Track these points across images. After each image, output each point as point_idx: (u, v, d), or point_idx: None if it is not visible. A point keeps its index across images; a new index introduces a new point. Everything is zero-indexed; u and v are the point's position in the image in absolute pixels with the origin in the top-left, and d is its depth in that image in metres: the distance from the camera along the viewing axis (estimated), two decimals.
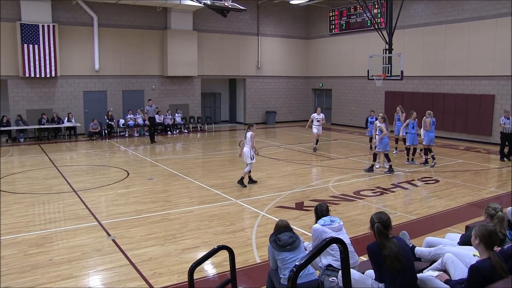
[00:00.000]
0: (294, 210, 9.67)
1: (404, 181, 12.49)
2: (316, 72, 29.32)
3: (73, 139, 21.39)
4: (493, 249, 4.14)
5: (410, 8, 22.14)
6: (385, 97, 24.31)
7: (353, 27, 26.06)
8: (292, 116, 29.73)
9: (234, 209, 9.80)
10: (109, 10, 22.57)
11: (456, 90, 20.78)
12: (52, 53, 20.83)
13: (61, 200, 10.54)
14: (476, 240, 4.17)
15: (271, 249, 4.82)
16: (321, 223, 5.18)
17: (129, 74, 23.60)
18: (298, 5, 27.40)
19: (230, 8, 16.10)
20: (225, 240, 7.71)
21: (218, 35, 26.18)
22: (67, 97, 22.12)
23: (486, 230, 4.14)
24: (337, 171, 13.81)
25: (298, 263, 3.02)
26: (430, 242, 5.32)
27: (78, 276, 6.31)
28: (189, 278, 4.34)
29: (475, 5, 19.64)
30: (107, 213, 9.49)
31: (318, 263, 5.03)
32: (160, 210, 9.62)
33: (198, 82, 25.90)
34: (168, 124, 23.67)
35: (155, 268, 6.55)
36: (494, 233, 4.16)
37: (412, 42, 22.18)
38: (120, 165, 14.88)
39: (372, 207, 9.92)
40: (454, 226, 8.46)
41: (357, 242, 7.38)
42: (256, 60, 27.92)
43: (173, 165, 14.74)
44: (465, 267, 4.23)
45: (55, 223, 8.82)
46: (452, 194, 11.09)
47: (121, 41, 23.15)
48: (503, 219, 5.23)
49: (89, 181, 12.51)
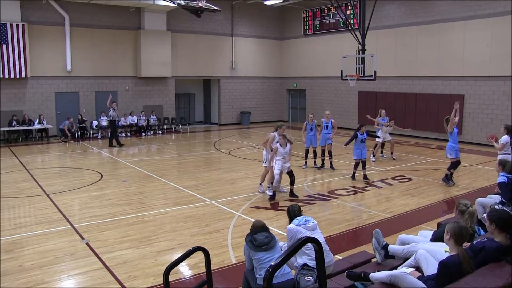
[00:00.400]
0: (270, 210, 9.70)
1: (378, 180, 12.66)
2: (291, 72, 29.47)
3: (45, 141, 20.97)
4: (462, 245, 4.25)
5: (383, 9, 22.46)
6: (358, 97, 24.61)
7: (326, 28, 26.29)
8: (267, 117, 29.79)
9: (209, 210, 9.77)
10: (81, 9, 22.21)
11: (428, 90, 21.18)
12: (22, 53, 20.38)
13: (32, 204, 10.31)
14: (447, 236, 4.30)
15: (247, 249, 4.82)
16: (295, 223, 5.21)
17: (102, 75, 23.27)
18: (272, 6, 27.49)
19: (204, 9, 16.04)
20: (201, 241, 7.68)
21: (192, 35, 26.05)
22: (38, 98, 21.68)
23: (457, 227, 4.26)
24: (312, 171, 13.91)
25: (273, 263, 3.03)
26: (404, 239, 5.40)
27: (50, 282, 6.18)
28: (165, 280, 4.31)
29: (445, 7, 20.07)
30: (80, 216, 9.34)
31: (294, 263, 5.05)
32: (135, 212, 9.52)
33: (172, 83, 25.73)
34: (142, 126, 23.45)
35: (130, 271, 6.48)
36: (465, 229, 4.28)
37: (384, 43, 22.51)
38: (93, 167, 14.67)
39: (346, 206, 10.03)
40: (427, 223, 8.62)
41: (332, 241, 7.45)
42: (230, 61, 27.89)
43: (147, 167, 14.61)
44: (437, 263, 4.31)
45: (26, 228, 8.63)
46: (425, 192, 11.29)
47: (93, 42, 22.81)
48: (473, 214, 5.40)
49: (61, 184, 12.29)
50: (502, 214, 4.52)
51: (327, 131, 14.03)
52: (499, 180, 7.45)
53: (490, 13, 18.40)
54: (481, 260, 4.30)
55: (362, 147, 12.55)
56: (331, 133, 13.97)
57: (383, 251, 5.10)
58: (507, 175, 7.38)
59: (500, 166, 7.65)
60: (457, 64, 19.76)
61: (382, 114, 15.76)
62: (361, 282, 4.65)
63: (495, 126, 17.87)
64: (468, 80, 19.51)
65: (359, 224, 8.86)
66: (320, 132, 14.24)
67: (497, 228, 4.44)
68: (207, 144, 20.55)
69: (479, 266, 4.22)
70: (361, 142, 12.55)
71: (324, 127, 14.11)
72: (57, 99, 22.10)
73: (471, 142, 19.30)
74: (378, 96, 23.37)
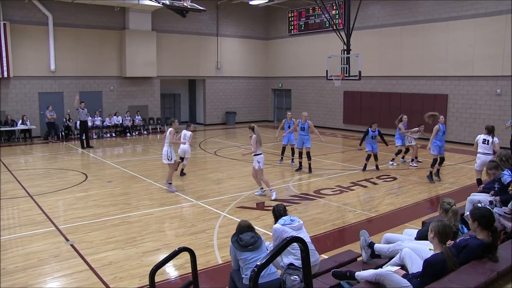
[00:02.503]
0: (255, 210, 9.71)
1: (363, 179, 12.75)
2: (276, 72, 29.51)
3: (28, 142, 20.70)
4: (446, 243, 4.31)
5: (367, 10, 22.61)
6: (343, 97, 24.73)
7: (312, 28, 26.38)
8: (252, 117, 29.78)
9: (195, 210, 9.76)
10: (65, 9, 21.97)
11: (412, 90, 21.38)
12: (4, 53, 20.09)
13: (16, 205, 10.17)
14: (431, 234, 4.36)
15: (233, 249, 4.82)
16: (281, 222, 5.22)
17: (86, 75, 23.05)
18: (257, 6, 27.49)
19: (189, 9, 15.99)
20: (187, 241, 7.65)
21: (177, 35, 25.94)
22: (21, 99, 21.39)
23: (441, 225, 4.31)
24: (298, 171, 13.92)
25: (259, 263, 3.04)
26: (389, 238, 5.45)
27: (34, 284, 6.11)
28: (151, 281, 4.29)
29: (428, 8, 20.28)
30: (65, 217, 9.25)
31: (280, 263, 5.06)
32: (120, 213, 9.45)
33: (157, 83, 25.60)
34: (127, 126, 23.30)
35: (116, 272, 6.44)
36: (449, 228, 4.34)
37: (369, 43, 22.65)
38: (78, 168, 14.54)
39: (332, 206, 10.08)
40: (412, 222, 8.71)
41: (318, 241, 7.49)
42: (215, 61, 27.83)
43: (132, 167, 14.52)
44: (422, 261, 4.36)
45: (9, 230, 8.50)
46: (409, 191, 11.41)
47: (78, 41, 22.58)
48: (457, 213, 5.47)
49: (45, 185, 12.15)
50: (484, 212, 4.59)
51: (304, 132, 13.57)
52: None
53: (473, 14, 18.64)
54: (464, 257, 4.38)
55: (373, 143, 13.50)
56: (307, 135, 13.58)
57: (370, 249, 5.15)
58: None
59: None
60: (441, 64, 19.99)
61: (404, 119, 14.67)
62: (347, 281, 4.68)
63: (478, 125, 18.08)
64: (451, 80, 19.75)
65: (345, 223, 8.91)
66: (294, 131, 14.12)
67: (479, 226, 4.51)
68: (192, 144, 20.41)
69: (462, 264, 4.29)
70: (372, 139, 13.46)
71: (300, 129, 13.64)
72: (41, 100, 21.83)
73: (455, 141, 19.52)
74: (363, 96, 23.52)
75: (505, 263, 4.31)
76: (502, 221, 6.33)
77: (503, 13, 17.59)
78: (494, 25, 17.90)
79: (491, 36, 18.05)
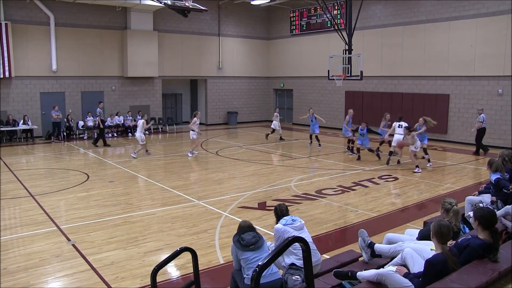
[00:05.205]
0: (257, 210, 9.71)
1: (365, 179, 12.74)
2: (277, 72, 29.51)
3: (30, 142, 20.73)
4: (446, 243, 4.31)
5: (369, 10, 22.59)
6: (345, 97, 24.72)
7: (313, 28, 26.37)
8: (254, 117, 29.80)
9: (196, 210, 9.76)
10: (67, 9, 22.00)
11: (414, 90, 21.36)
12: (6, 53, 20.11)
13: (17, 205, 10.19)
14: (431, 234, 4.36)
15: (235, 249, 4.82)
16: (282, 222, 5.21)
17: (88, 75, 23.08)
18: (259, 6, 27.51)
19: (190, 8, 15.97)
20: (188, 241, 7.66)
21: (179, 35, 25.96)
22: (22, 99, 21.42)
23: (438, 226, 4.31)
24: (299, 171, 13.95)
25: (261, 263, 3.04)
26: (390, 238, 5.45)
27: (36, 284, 6.12)
28: (152, 281, 4.30)
29: (430, 8, 20.26)
30: (66, 217, 9.26)
31: (281, 262, 5.06)
32: (122, 213, 9.46)
33: (159, 83, 25.62)
34: (129, 126, 23.31)
35: (117, 272, 6.44)
36: (446, 228, 4.31)
37: (371, 43, 22.64)
38: (79, 168, 14.55)
39: (334, 206, 10.08)
40: (413, 222, 8.71)
41: (320, 241, 7.49)
42: (217, 61, 27.84)
43: (134, 167, 14.53)
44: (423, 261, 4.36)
45: (11, 230, 8.51)
46: (411, 191, 11.40)
47: (79, 41, 22.61)
48: (458, 212, 5.46)
49: (47, 185, 12.17)
50: (485, 212, 4.58)
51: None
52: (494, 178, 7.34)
53: (474, 14, 18.62)
54: (466, 257, 4.38)
55: (364, 139, 15.37)
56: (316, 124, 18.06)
57: (369, 249, 5.14)
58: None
59: (488, 165, 7.64)
60: (442, 64, 19.96)
61: (387, 117, 16.37)
62: (348, 281, 4.68)
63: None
64: (453, 80, 19.72)
65: (346, 223, 8.91)
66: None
67: (480, 225, 4.51)
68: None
69: (464, 263, 4.29)
70: (362, 136, 15.28)
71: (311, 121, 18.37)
72: (42, 100, 21.87)
73: (456, 141, 19.51)
74: (364, 95, 23.50)
75: (506, 263, 4.31)
76: (504, 221, 6.32)
77: (504, 13, 17.57)
78: (495, 25, 17.89)
79: (492, 36, 18.03)
